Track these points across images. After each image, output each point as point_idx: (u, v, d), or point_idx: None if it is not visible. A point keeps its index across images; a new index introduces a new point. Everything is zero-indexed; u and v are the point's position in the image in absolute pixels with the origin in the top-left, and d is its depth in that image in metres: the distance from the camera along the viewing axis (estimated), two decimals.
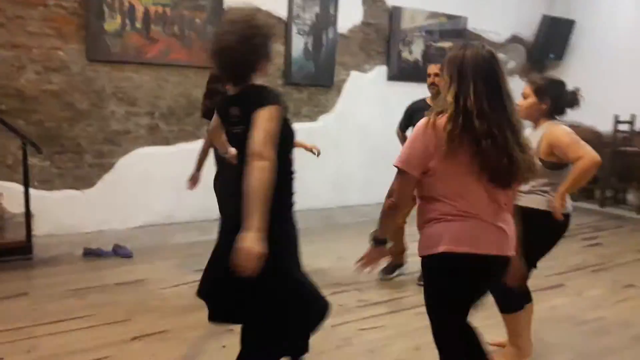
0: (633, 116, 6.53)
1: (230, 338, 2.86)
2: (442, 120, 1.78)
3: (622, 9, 6.95)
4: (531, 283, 2.69)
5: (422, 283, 2.36)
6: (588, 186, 6.15)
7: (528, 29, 7.39)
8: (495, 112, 1.80)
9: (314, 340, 2.49)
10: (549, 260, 2.67)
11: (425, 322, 2.02)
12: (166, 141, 5.17)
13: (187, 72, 5.14)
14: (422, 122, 1.84)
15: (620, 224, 6.08)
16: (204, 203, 5.56)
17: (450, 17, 6.64)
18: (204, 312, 2.11)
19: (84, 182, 4.83)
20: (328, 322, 2.99)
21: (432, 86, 3.77)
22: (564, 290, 3.87)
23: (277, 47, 5.65)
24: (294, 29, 5.65)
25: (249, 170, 1.79)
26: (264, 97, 1.91)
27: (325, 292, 3.28)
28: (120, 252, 4.20)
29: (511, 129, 1.83)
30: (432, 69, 3.76)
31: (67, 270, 3.85)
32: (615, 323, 3.30)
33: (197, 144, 5.24)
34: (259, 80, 2.03)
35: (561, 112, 2.59)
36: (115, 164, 4.93)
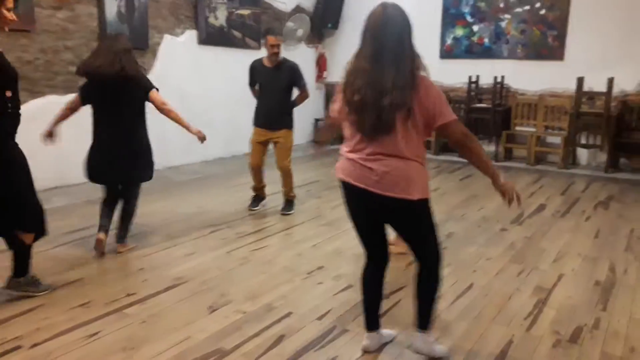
0: None
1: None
2: None
3: None
4: None
5: (285, 213, 4.32)
6: None
7: (309, 1, 8.50)
8: (373, 72, 1.87)
9: (220, 262, 3.38)
10: None
11: (295, 238, 3.02)
12: None
13: None
14: None
15: None
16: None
17: None
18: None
19: None
20: (223, 250, 3.67)
21: (273, 55, 4.42)
22: None
23: (90, 10, 5.57)
24: None
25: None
26: None
27: (205, 232, 3.98)
28: None
29: (380, 89, 1.84)
30: (272, 40, 4.40)
31: None
32: None
33: None
34: None
35: None
36: None
